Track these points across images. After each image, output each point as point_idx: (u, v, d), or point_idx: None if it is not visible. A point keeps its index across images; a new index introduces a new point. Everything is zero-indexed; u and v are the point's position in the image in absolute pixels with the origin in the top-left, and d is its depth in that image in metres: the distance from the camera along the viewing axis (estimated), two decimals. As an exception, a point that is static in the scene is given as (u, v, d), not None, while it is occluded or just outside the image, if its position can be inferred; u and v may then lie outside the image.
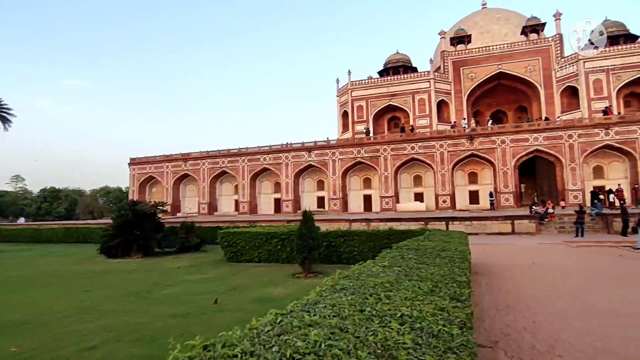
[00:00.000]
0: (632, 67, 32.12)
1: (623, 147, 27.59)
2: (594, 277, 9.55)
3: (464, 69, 38.21)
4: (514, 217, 22.66)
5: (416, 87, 37.53)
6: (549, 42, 36.26)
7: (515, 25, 40.74)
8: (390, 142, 32.77)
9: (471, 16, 45.83)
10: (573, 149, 28.44)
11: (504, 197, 29.47)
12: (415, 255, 5.20)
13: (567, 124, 29.44)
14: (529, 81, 36.61)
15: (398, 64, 40.76)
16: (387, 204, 32.05)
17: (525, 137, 29.58)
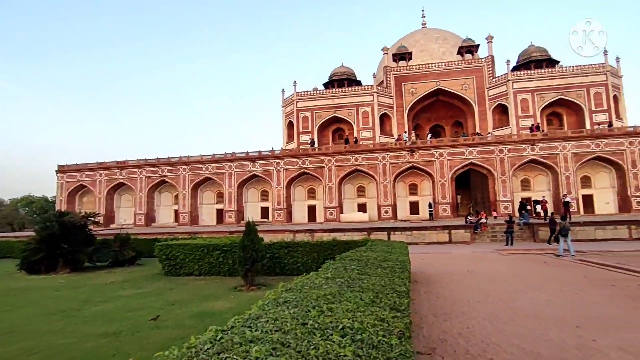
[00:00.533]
0: (553, 89, 35.46)
1: (546, 162, 30.23)
2: (521, 282, 10.26)
3: (406, 84, 39.96)
4: (451, 227, 23.89)
5: (360, 100, 38.57)
6: (482, 63, 39.05)
7: (452, 45, 43.49)
8: (335, 153, 33.31)
9: (412, 34, 48.26)
10: (504, 162, 30.66)
11: (442, 207, 30.97)
12: (357, 266, 5.26)
13: (498, 139, 31.75)
14: (465, 98, 39.07)
15: (343, 77, 41.75)
16: (331, 215, 32.40)
17: (461, 150, 31.43)
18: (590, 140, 29.86)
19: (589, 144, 29.76)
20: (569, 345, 5.18)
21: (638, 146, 29.04)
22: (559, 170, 29.82)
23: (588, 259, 14.39)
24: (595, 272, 11.77)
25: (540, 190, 30.98)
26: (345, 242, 12.78)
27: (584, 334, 5.59)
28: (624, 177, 29.15)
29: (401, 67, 40.90)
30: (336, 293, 3.54)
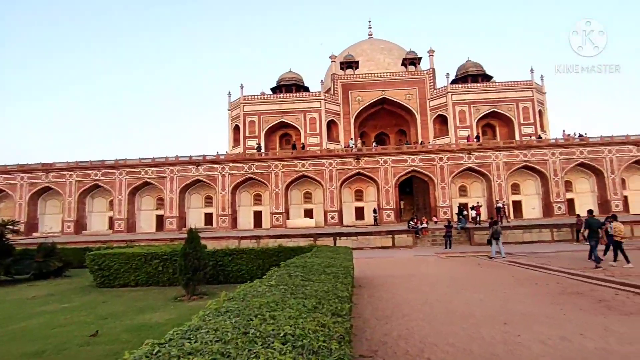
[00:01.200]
0: (487, 102, 38.06)
1: (481, 170, 32.32)
2: (457, 284, 10.83)
3: (352, 92, 40.89)
4: (395, 232, 24.69)
5: (308, 106, 38.85)
6: (424, 75, 41.02)
7: (396, 56, 45.26)
8: (282, 158, 33.26)
9: (359, 44, 49.61)
10: (443, 170, 32.32)
11: (386, 213, 31.97)
12: (302, 273, 5.27)
13: (439, 148, 33.47)
14: (408, 108, 40.73)
15: (291, 82, 41.87)
16: (277, 221, 32.22)
17: (404, 158, 32.72)
18: (519, 150, 32.40)
19: (518, 154, 32.28)
20: (497, 341, 5.55)
21: (559, 157, 31.95)
22: (492, 177, 32.01)
23: (516, 260, 15.52)
24: (521, 272, 12.72)
25: (476, 197, 33.03)
26: (291, 248, 12.75)
27: (510, 330, 6.02)
28: (547, 184, 31.91)
29: (348, 75, 41.86)
30: (279, 300, 3.53)
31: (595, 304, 7.69)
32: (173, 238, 24.05)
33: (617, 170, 31.62)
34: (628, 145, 31.88)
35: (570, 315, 6.87)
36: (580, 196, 32.93)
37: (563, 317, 6.76)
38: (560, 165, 31.95)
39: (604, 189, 31.78)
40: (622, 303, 7.70)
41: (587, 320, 6.52)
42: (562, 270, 12.22)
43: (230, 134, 40.72)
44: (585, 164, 32.27)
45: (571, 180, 33.09)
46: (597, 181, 32.60)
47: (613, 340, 5.37)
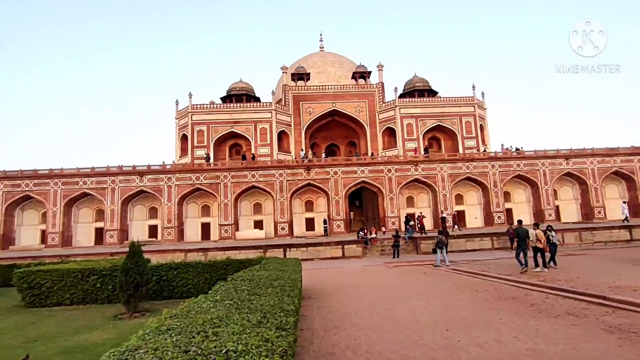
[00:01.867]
0: (433, 116, 39.81)
1: (427, 181, 33.66)
2: (403, 292, 11.16)
3: (303, 103, 41.20)
4: (344, 243, 24.93)
5: (259, 116, 38.57)
6: (374, 88, 42.24)
7: (347, 69, 46.31)
8: (231, 169, 32.65)
9: (310, 56, 50.29)
10: (391, 181, 33.27)
11: (336, 223, 32.27)
12: (248, 287, 5.19)
13: (387, 160, 34.47)
14: (358, 120, 41.66)
15: (241, 92, 41.43)
16: (226, 232, 31.46)
17: (354, 169, 33.32)
18: (462, 162, 34.16)
19: (461, 166, 34.01)
20: (438, 346, 5.79)
21: (498, 169, 34.07)
22: (438, 188, 33.44)
23: (459, 268, 16.26)
24: (463, 279, 13.36)
25: (422, 207, 34.28)
26: (240, 260, 12.49)
27: (451, 335, 6.30)
28: (488, 195, 33.85)
29: (300, 86, 42.19)
30: (223, 316, 3.46)
31: (528, 308, 8.25)
32: (114, 252, 22.70)
33: (550, 182, 34.25)
34: (559, 158, 34.67)
35: (506, 319, 7.31)
36: (518, 206, 35.24)
37: (499, 321, 7.18)
38: (499, 177, 34.06)
39: (539, 199, 34.25)
40: (551, 306, 8.32)
41: (520, 323, 6.97)
42: (500, 276, 12.99)
43: (177, 143, 39.38)
44: (522, 176, 34.62)
45: (509, 191, 35.34)
46: (532, 192, 35.07)
47: (541, 342, 5.79)
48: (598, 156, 34.85)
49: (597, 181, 34.45)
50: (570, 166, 34.53)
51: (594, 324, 6.71)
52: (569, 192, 35.91)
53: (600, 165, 34.71)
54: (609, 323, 6.72)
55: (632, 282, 10.44)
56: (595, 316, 7.26)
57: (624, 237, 25.76)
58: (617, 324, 6.65)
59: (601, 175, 34.58)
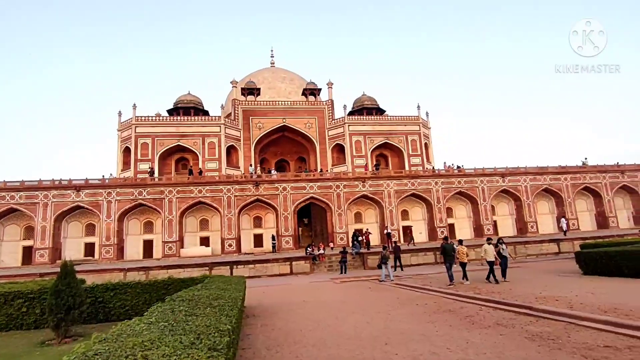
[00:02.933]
0: (381, 133, 41.18)
1: (374, 197, 34.52)
2: (348, 308, 11.31)
3: (253, 118, 41.00)
4: (292, 259, 24.80)
5: (207, 130, 37.79)
6: (324, 105, 43.00)
7: (297, 86, 46.86)
8: (177, 184, 31.54)
9: (261, 71, 50.37)
10: (340, 197, 33.76)
11: (285, 240, 32.06)
12: (187, 307, 5.06)
13: (336, 176, 35.00)
14: (308, 136, 42.08)
15: (189, 105, 40.47)
16: (170, 250, 30.16)
17: (303, 185, 33.46)
18: (408, 179, 35.46)
19: (407, 183, 35.27)
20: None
21: (441, 186, 35.72)
22: (384, 204, 34.41)
23: (403, 283, 16.76)
24: (406, 293, 13.80)
25: (370, 223, 35.03)
26: (182, 280, 12.06)
27: (389, 349, 6.50)
28: (432, 211, 35.31)
29: (250, 101, 42.02)
30: (156, 339, 3.36)
31: (463, 320, 8.70)
32: (44, 273, 20.96)
33: (488, 198, 36.46)
34: (496, 176, 37.08)
35: (441, 331, 7.66)
36: (459, 221, 37.09)
37: (435, 333, 7.51)
38: (442, 193, 35.71)
39: (478, 215, 36.27)
40: (483, 317, 8.82)
41: (454, 335, 7.34)
42: (440, 290, 13.57)
43: (119, 156, 37.43)
44: (463, 193, 36.55)
45: (452, 207, 37.11)
46: (472, 208, 37.07)
47: (471, 352, 6.14)
48: (530, 174, 37.69)
49: (529, 198, 37.17)
50: (506, 183, 37.00)
51: (519, 333, 7.21)
52: (505, 208, 38.38)
53: (533, 182, 37.55)
54: (532, 332, 7.26)
55: (556, 292, 11.33)
56: (521, 325, 7.81)
57: (553, 250, 27.93)
58: (539, 332, 7.20)
59: (533, 192, 37.38)
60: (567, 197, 37.73)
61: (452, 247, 15.91)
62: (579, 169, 39.11)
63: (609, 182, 38.84)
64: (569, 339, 6.64)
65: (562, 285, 12.78)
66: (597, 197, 38.78)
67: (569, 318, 8.03)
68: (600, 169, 39.28)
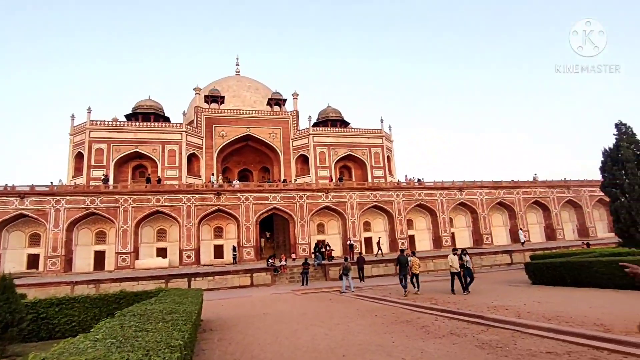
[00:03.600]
0: (345, 145, 41.70)
1: (337, 209, 34.73)
2: (308, 320, 11.24)
3: (217, 126, 40.36)
4: (253, 271, 24.41)
5: (167, 137, 36.75)
6: (288, 116, 43.05)
7: (262, 95, 46.69)
8: (134, 192, 30.29)
9: (226, 79, 49.82)
10: (303, 208, 33.69)
11: (246, 251, 31.52)
12: (137, 322, 4.85)
13: (299, 186, 34.96)
14: (272, 146, 41.87)
15: (149, 111, 39.22)
16: (124, 262, 28.78)
17: (266, 195, 33.14)
18: (370, 191, 36.00)
19: (369, 195, 35.79)
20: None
21: (402, 198, 36.51)
22: (347, 216, 34.69)
23: (363, 294, 16.89)
24: (365, 305, 13.91)
25: (332, 234, 35.16)
26: (135, 293, 11.53)
27: (346, 362, 6.51)
28: (393, 222, 35.95)
29: (213, 109, 41.36)
30: (101, 356, 3.19)
31: (419, 330, 8.88)
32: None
33: (447, 211, 37.66)
34: (454, 189, 38.42)
35: (398, 342, 7.77)
36: (419, 233, 37.98)
37: (392, 344, 7.61)
38: (403, 205, 36.50)
39: (437, 227, 37.31)
40: (438, 327, 9.04)
41: (410, 345, 7.47)
42: (398, 301, 13.79)
43: (71, 162, 35.49)
44: (423, 205, 37.53)
45: (412, 218, 37.97)
46: (431, 220, 38.11)
47: (426, 361, 6.27)
48: (486, 188, 39.37)
49: (485, 210, 38.76)
50: (464, 197, 38.41)
51: (470, 342, 7.46)
52: (463, 220, 39.76)
53: (488, 196, 39.23)
54: (482, 340, 7.53)
55: (507, 301, 11.83)
56: (473, 334, 8.08)
57: (506, 261, 29.19)
58: (488, 340, 7.49)
59: (488, 205, 39.02)
60: (519, 210, 39.68)
61: (407, 259, 16.42)
62: (530, 184, 41.33)
63: (556, 196, 41.26)
64: (515, 346, 6.95)
65: (512, 295, 13.35)
66: (546, 211, 41.06)
67: (516, 326, 8.41)
68: (549, 184, 41.72)
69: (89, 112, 35.20)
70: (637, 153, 19.63)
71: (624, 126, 20.45)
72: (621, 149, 19.82)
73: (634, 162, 19.37)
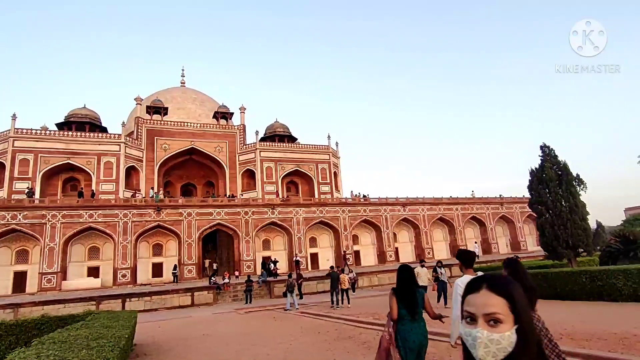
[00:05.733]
0: (292, 161, 41.57)
1: (283, 224, 34.41)
2: (249, 340, 10.90)
3: (159, 138, 38.70)
4: (194, 289, 23.47)
5: (104, 148, 34.55)
6: (235, 130, 42.30)
7: (208, 108, 45.57)
8: (63, 207, 27.97)
9: (170, 90, 48.08)
10: (248, 223, 32.99)
11: (187, 268, 30.18)
12: (57, 351, 4.40)
13: (245, 202, 34.27)
14: (217, 160, 40.80)
15: (84, 120, 36.79)
16: (49, 283, 26.24)
17: (210, 211, 32.12)
18: (317, 207, 36.17)
19: (316, 210, 35.93)
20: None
21: (348, 214, 37.01)
22: (293, 232, 34.47)
23: (307, 311, 16.75)
24: (309, 322, 13.77)
25: (278, 250, 34.71)
26: (60, 317, 10.55)
27: (289, 383, 6.35)
28: (339, 237, 36.27)
29: (155, 120, 39.69)
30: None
31: (360, 345, 8.91)
32: None
33: (390, 226, 38.68)
34: (397, 205, 39.63)
35: (339, 358, 7.74)
36: (365, 248, 38.57)
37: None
38: (349, 221, 36.98)
39: (382, 242, 38.14)
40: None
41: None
42: (342, 317, 13.80)
43: (-11, 172, 32.20)
44: (368, 220, 38.30)
45: (358, 234, 38.54)
46: (376, 235, 38.92)
47: (368, 378, 6.27)
48: (427, 204, 41.05)
49: (427, 226, 40.34)
50: (407, 212, 39.75)
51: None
52: (406, 235, 41.04)
53: (429, 212, 40.91)
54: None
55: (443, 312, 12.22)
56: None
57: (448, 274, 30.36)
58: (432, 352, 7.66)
59: (430, 221, 40.67)
60: (458, 226, 41.77)
61: (338, 275, 17.97)
62: (468, 200, 43.76)
63: (491, 212, 44.02)
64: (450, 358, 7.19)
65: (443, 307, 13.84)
66: (482, 226, 43.62)
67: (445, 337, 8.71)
68: (485, 200, 44.45)
69: (13, 120, 32.27)
70: (559, 173, 21.55)
71: (547, 148, 22.44)
72: (545, 170, 21.68)
73: (556, 181, 21.24)
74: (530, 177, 22.53)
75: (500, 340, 1.14)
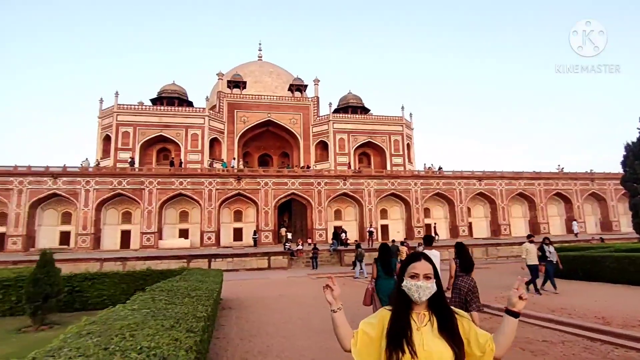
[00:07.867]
0: (364, 132, 41.74)
1: (355, 196, 35.14)
2: (320, 303, 11.83)
3: (238, 111, 41.03)
4: (271, 254, 25.23)
5: (191, 121, 37.68)
6: (309, 102, 43.29)
7: (284, 81, 46.98)
8: (158, 175, 31.47)
9: (248, 64, 50.20)
10: (321, 194, 34.23)
11: (264, 234, 32.42)
12: (166, 297, 5.49)
13: (317, 173, 35.45)
14: (292, 132, 42.32)
15: (173, 95, 40.23)
16: (148, 241, 30.11)
17: (285, 181, 33.81)
18: (388, 179, 36.19)
19: (387, 182, 35.99)
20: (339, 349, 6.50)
21: (420, 187, 36.56)
22: (364, 203, 35.07)
23: (375, 279, 17.41)
24: (377, 290, 14.43)
25: (349, 220, 35.67)
26: (161, 271, 12.40)
27: (354, 341, 7.06)
28: (410, 211, 36.14)
29: (235, 94, 41.97)
30: (140, 322, 3.81)
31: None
32: (17, 261, 20.86)
33: (465, 201, 37.57)
34: (473, 179, 38.18)
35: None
36: (437, 222, 37.98)
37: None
38: (421, 194, 36.57)
39: (454, 216, 37.31)
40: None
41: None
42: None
43: (99, 144, 37.02)
44: (441, 194, 37.53)
45: (429, 207, 38.02)
46: (449, 209, 38.10)
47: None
48: (506, 179, 38.94)
49: (504, 201, 38.45)
50: (483, 187, 38.16)
51: (472, 328, 7.90)
52: (481, 211, 39.58)
53: (508, 187, 38.81)
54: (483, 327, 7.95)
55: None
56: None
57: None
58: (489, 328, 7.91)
59: (508, 196, 38.65)
60: (539, 202, 39.17)
61: (397, 248, 17.87)
62: (552, 175, 40.60)
63: (579, 189, 40.43)
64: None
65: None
66: (568, 203, 40.33)
67: (519, 316, 8.78)
68: (572, 176, 40.85)
69: (116, 96, 36.44)
70: (660, 148, 19.33)
71: (647, 120, 20.10)
72: (644, 144, 19.54)
73: (656, 157, 19.10)
74: (624, 151, 20.47)
75: (431, 287, 2.09)
